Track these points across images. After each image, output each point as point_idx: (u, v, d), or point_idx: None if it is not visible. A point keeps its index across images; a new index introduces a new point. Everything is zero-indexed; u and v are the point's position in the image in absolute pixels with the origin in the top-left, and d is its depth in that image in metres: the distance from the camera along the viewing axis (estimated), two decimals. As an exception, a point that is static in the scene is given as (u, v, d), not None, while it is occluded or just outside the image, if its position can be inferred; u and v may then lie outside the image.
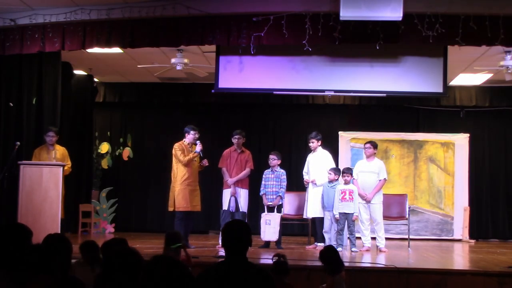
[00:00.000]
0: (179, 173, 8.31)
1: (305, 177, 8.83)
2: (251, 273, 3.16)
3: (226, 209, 8.45)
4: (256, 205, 9.58)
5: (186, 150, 8.33)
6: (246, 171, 8.60)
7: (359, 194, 8.41)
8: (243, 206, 8.51)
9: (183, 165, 8.25)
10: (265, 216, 8.46)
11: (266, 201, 8.61)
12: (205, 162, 8.42)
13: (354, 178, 8.50)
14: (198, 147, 8.29)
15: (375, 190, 8.45)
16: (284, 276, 4.31)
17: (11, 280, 2.67)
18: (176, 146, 8.39)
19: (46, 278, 2.79)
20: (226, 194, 8.57)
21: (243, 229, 3.34)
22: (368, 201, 8.42)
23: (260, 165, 9.29)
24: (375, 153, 8.72)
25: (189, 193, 8.23)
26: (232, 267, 3.17)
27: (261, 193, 8.72)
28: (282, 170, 8.72)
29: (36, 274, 2.79)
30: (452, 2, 7.00)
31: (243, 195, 8.56)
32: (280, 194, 8.57)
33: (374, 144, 8.74)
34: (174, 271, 2.56)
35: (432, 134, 11.23)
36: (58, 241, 3.35)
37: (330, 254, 4.49)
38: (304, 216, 8.89)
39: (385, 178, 8.56)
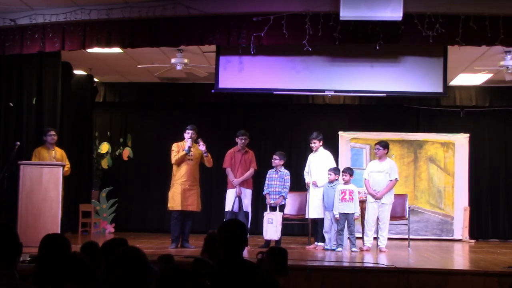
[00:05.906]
0: (174, 173, 8.37)
1: (307, 178, 8.83)
2: (248, 273, 3.15)
3: (230, 209, 8.46)
4: (261, 205, 9.56)
5: (181, 149, 8.35)
6: (251, 171, 8.63)
7: (369, 193, 8.41)
8: (247, 206, 8.54)
9: (173, 164, 8.33)
10: (268, 215, 8.45)
11: (269, 200, 8.61)
12: (201, 146, 8.30)
13: (365, 179, 8.52)
14: (187, 145, 8.29)
15: (386, 189, 8.42)
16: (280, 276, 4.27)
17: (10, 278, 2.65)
18: (173, 146, 8.42)
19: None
20: (230, 194, 8.57)
21: (238, 228, 3.31)
22: (378, 199, 8.41)
23: (260, 165, 9.26)
24: (386, 153, 8.65)
25: (182, 193, 8.21)
26: (227, 267, 3.16)
27: (265, 192, 8.71)
28: (286, 171, 8.70)
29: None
30: (452, 2, 7.00)
31: (248, 195, 8.60)
32: (283, 194, 8.56)
33: (383, 144, 8.65)
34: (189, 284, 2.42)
35: (432, 134, 11.23)
36: (57, 241, 3.34)
37: (280, 255, 4.39)
38: (307, 217, 8.89)
39: (396, 178, 8.54)
